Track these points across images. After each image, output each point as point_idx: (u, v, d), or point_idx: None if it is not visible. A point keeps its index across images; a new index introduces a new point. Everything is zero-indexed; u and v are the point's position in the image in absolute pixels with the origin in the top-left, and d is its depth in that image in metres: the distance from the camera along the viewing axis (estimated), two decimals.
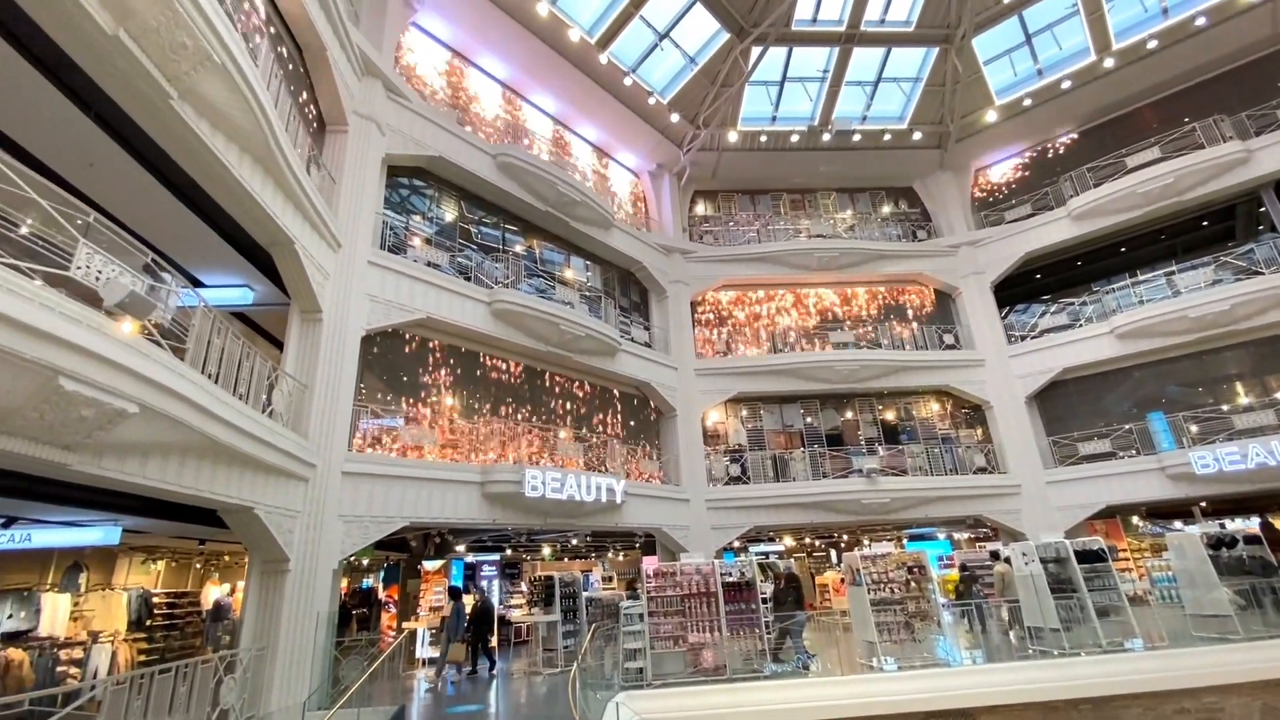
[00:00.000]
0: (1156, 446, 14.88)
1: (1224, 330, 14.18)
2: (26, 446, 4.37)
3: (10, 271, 3.77)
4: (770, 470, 16.26)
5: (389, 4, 11.87)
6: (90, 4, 4.86)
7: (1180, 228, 16.09)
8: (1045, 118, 17.72)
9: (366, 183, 10.70)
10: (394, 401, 10.98)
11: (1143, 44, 15.75)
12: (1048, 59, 17.04)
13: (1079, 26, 16.09)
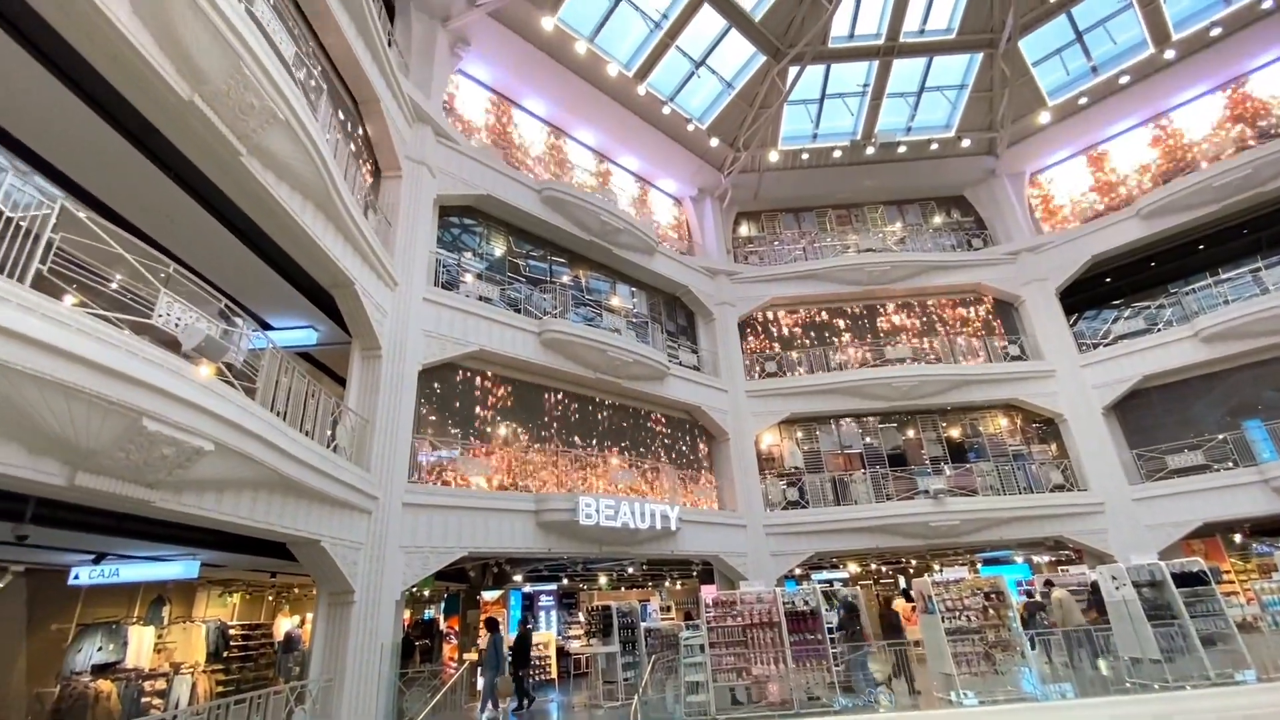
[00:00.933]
0: (1256, 457, 13.66)
1: None
2: (114, 485, 4.64)
3: (101, 322, 4.05)
4: (830, 493, 15.74)
5: (437, 54, 12.48)
6: (169, 74, 5.28)
7: (1263, 220, 14.94)
8: (1104, 115, 16.95)
9: (420, 223, 11.15)
10: (449, 433, 11.22)
11: (1205, 32, 14.95)
12: (1101, 55, 16.36)
13: (1134, 20, 15.42)
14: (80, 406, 4.02)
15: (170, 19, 5.10)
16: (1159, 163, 16.59)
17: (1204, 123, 16.09)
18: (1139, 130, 17.05)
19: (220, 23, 5.32)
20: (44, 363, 3.71)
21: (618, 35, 14.87)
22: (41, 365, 3.69)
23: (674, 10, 14.65)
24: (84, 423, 4.10)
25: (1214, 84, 15.89)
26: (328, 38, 9.08)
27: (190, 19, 5.17)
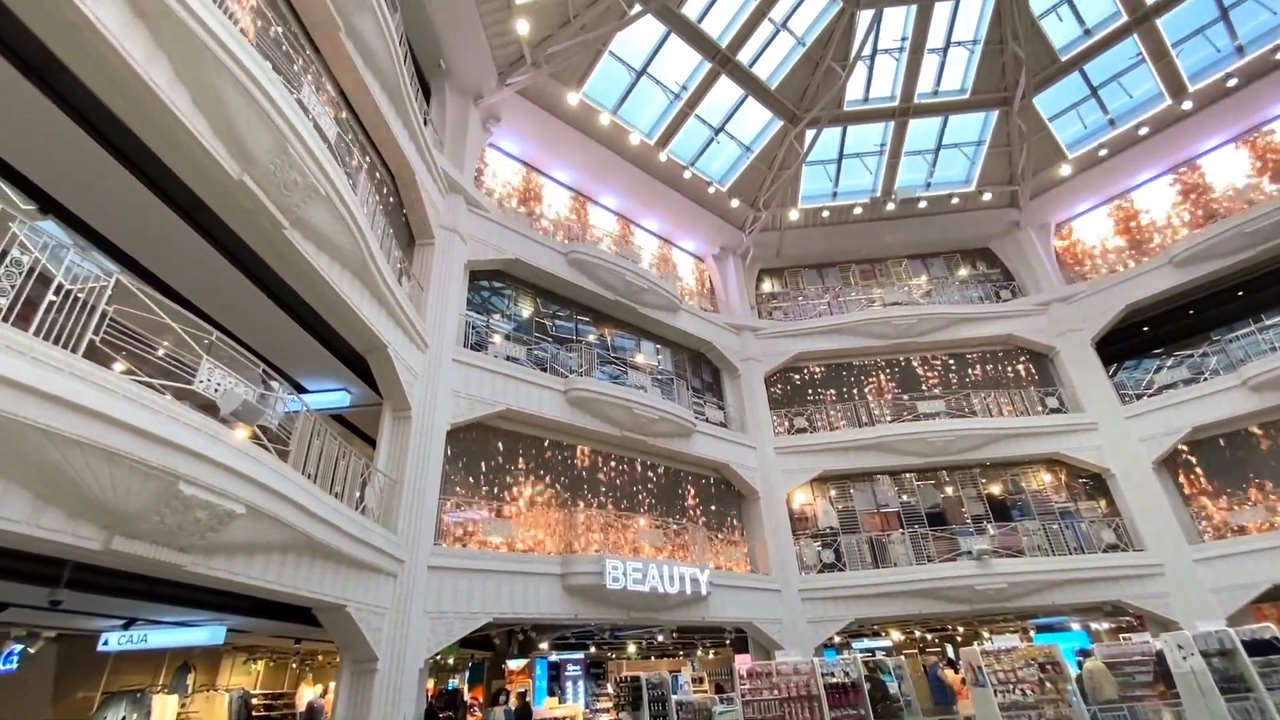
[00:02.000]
0: None
1: None
2: (148, 549, 4.71)
3: (145, 388, 4.22)
4: (867, 555, 15.11)
5: (469, 130, 13.20)
6: (221, 156, 5.68)
7: None
8: (1126, 165, 16.97)
9: (451, 288, 11.52)
10: (475, 493, 11.19)
11: (1221, 83, 15.05)
12: (1118, 108, 16.54)
13: (1148, 74, 15.63)
14: (122, 471, 4.14)
15: (225, 108, 5.52)
16: (1188, 210, 16.41)
17: (1230, 169, 15.98)
18: (1163, 179, 16.99)
19: (271, 110, 5.75)
20: (92, 429, 3.85)
21: (639, 106, 15.59)
22: (90, 432, 3.84)
23: (692, 82, 15.36)
24: (124, 487, 4.21)
25: (1235, 132, 15.86)
26: (369, 120, 9.70)
27: (244, 107, 5.59)
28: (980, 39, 15.88)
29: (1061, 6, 15.28)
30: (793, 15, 15.11)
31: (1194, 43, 15.08)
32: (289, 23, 7.86)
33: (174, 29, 4.93)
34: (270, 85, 5.73)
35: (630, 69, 14.84)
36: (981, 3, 15.33)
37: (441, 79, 13.09)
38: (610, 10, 13.31)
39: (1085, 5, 15.18)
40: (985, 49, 15.94)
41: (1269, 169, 15.34)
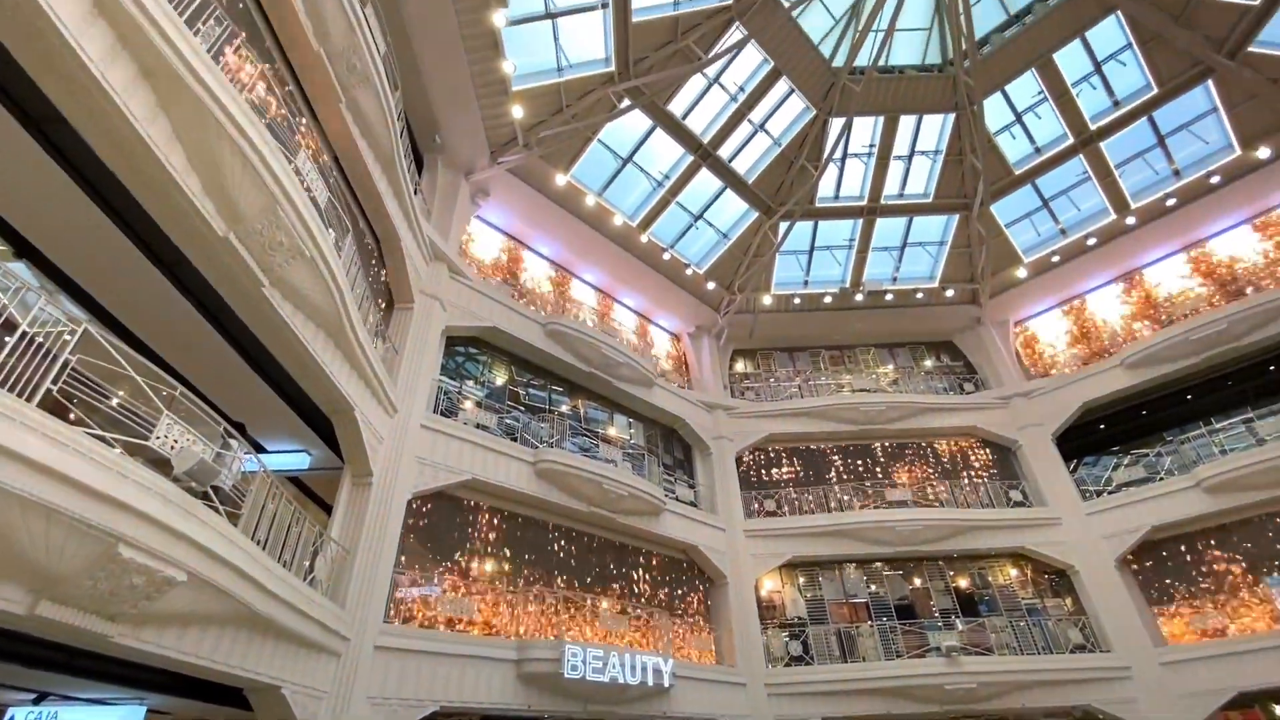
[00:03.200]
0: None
1: None
2: (76, 616, 4.37)
3: (96, 441, 4.05)
4: (835, 647, 14.65)
5: (458, 202, 13.59)
6: (210, 213, 5.74)
7: (1247, 373, 15.38)
8: (1077, 271, 18.07)
9: (426, 352, 11.48)
10: (432, 568, 10.70)
11: (1161, 202, 16.38)
12: (1069, 219, 17.81)
13: (1094, 190, 16.98)
14: (59, 529, 3.90)
15: (220, 168, 5.64)
16: (1137, 314, 17.40)
17: (1174, 279, 17.10)
18: (1112, 285, 18.08)
19: (265, 174, 5.88)
20: (37, 484, 3.65)
21: (624, 190, 16.31)
22: (34, 487, 3.64)
23: (675, 172, 16.21)
24: (59, 546, 3.95)
25: (1177, 246, 17.09)
26: (360, 185, 9.95)
27: (238, 170, 5.71)
28: (941, 150, 17.20)
29: (1014, 126, 16.73)
30: (770, 118, 16.24)
31: (1136, 164, 16.51)
32: (291, 90, 8.17)
33: (179, 91, 5.09)
34: (267, 150, 5.88)
35: (617, 156, 15.63)
36: (942, 118, 16.71)
37: (435, 152, 13.58)
38: (601, 103, 14.15)
39: (1036, 126, 16.65)
40: (946, 159, 17.24)
41: (1210, 281, 16.47)
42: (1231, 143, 15.28)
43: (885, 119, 16.66)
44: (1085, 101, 15.89)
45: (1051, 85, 15.70)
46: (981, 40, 15.56)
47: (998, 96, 16.16)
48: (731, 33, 14.38)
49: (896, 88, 16.13)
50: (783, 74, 15.46)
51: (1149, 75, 15.08)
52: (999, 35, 15.57)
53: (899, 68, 16.18)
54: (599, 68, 13.92)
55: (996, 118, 16.59)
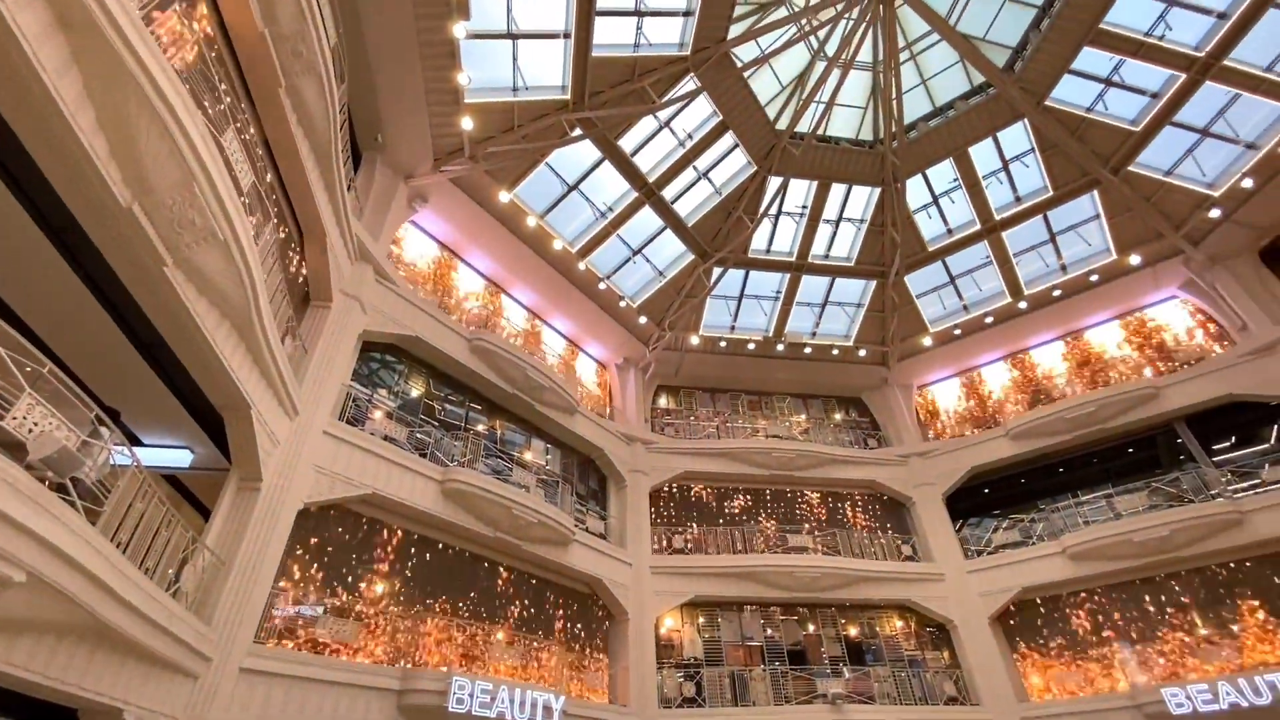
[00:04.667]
0: (1129, 680, 14.18)
1: (1169, 556, 14.40)
2: None
3: None
4: (728, 690, 14.72)
5: (394, 205, 13.17)
6: (114, 180, 5.28)
7: (1110, 453, 17.14)
8: (974, 346, 19.64)
9: (339, 355, 10.91)
10: (317, 587, 9.97)
11: (1049, 292, 18.20)
12: (971, 296, 19.44)
13: (994, 274, 18.66)
14: None
15: (133, 134, 5.22)
16: (1022, 390, 19.05)
17: (1055, 361, 18.91)
18: (1003, 361, 19.77)
19: (184, 146, 5.49)
20: None
21: (567, 216, 16.38)
22: None
23: (619, 205, 16.48)
24: None
25: (1059, 333, 18.96)
26: (289, 173, 9.46)
27: (155, 138, 5.31)
28: (866, 219, 18.44)
29: (931, 207, 18.22)
30: (714, 168, 16.91)
31: (1031, 255, 18.31)
32: (228, 68, 7.74)
33: (97, 45, 4.71)
34: (190, 121, 5.51)
35: (563, 181, 15.73)
36: (870, 190, 17.96)
37: (375, 150, 13.16)
38: (553, 128, 14.27)
39: (950, 210, 18.21)
40: (869, 228, 18.49)
41: (1085, 366, 18.32)
42: (1109, 247, 17.27)
43: (819, 184, 17.73)
44: (993, 194, 17.57)
45: (965, 175, 17.28)
46: (909, 125, 16.97)
47: (919, 178, 17.60)
48: (686, 82, 14.97)
49: (831, 157, 17.25)
50: (730, 128, 16.20)
51: (1046, 178, 16.91)
52: (925, 123, 17.03)
53: (835, 139, 17.33)
54: (554, 94, 14.07)
55: (917, 197, 18.03)
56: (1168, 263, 16.56)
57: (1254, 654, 13.26)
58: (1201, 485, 15.22)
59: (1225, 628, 13.88)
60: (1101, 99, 15.37)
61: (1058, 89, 15.31)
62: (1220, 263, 15.92)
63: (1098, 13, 13.82)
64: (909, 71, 16.87)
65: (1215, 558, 14.28)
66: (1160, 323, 17.56)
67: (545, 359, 16.92)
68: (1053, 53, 14.69)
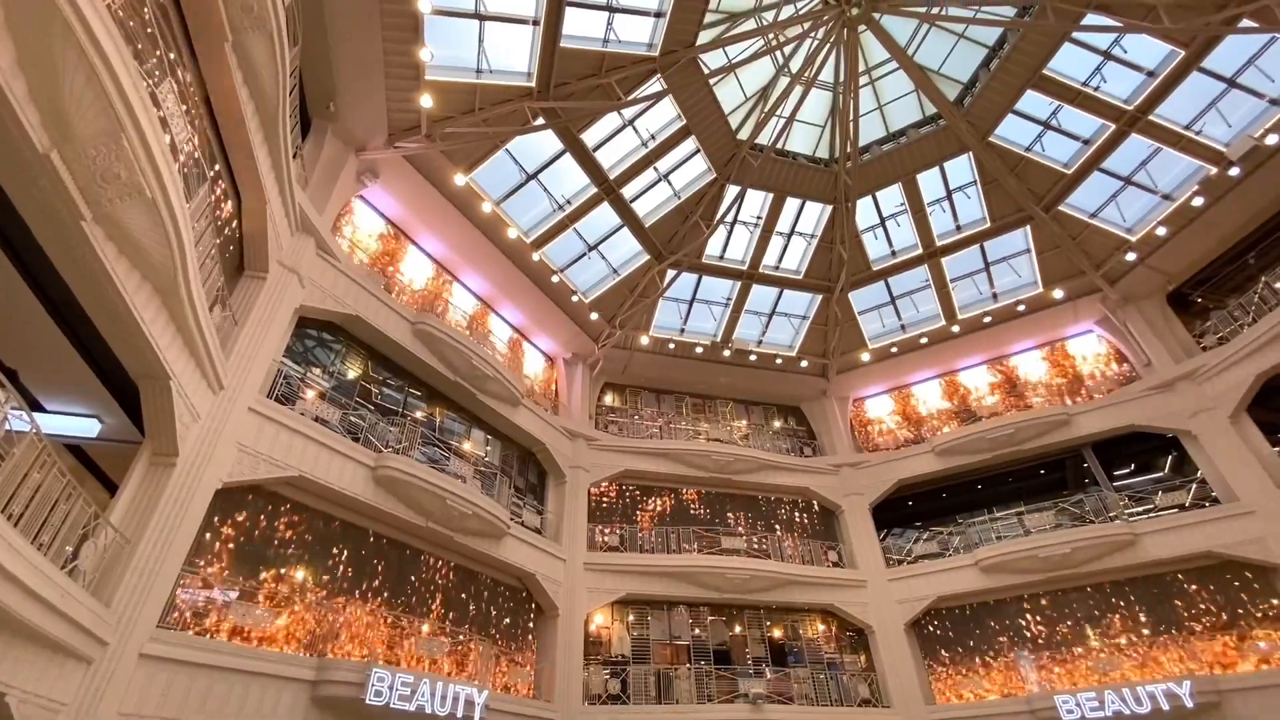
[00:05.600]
0: (1027, 686, 15.13)
1: (1070, 572, 15.45)
2: None
3: None
4: (653, 688, 14.87)
5: (342, 177, 12.67)
6: (31, 124, 4.88)
7: (1023, 474, 18.30)
8: (909, 364, 20.51)
9: (272, 330, 10.40)
10: (232, 570, 9.49)
11: (980, 318, 19.21)
12: (909, 317, 20.30)
13: (932, 297, 19.54)
14: None
15: (56, 76, 4.83)
16: (951, 408, 20.02)
17: (982, 384, 19.96)
18: (934, 380, 20.73)
19: (114, 93, 5.12)
20: None
21: (523, 205, 16.15)
22: None
23: (577, 199, 16.38)
24: None
25: (987, 357, 20.04)
26: (230, 134, 8.95)
27: (80, 81, 4.92)
28: (817, 235, 18.98)
29: (878, 228, 18.91)
30: (675, 171, 17.04)
31: (966, 282, 19.26)
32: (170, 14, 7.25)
33: None
34: (122, 67, 5.14)
35: (523, 170, 15.50)
36: (822, 207, 18.49)
37: (326, 119, 12.62)
38: (515, 115, 14.04)
39: (895, 232, 18.96)
40: (819, 244, 19.04)
41: (1008, 390, 19.42)
42: (1037, 280, 18.36)
43: (774, 196, 18.12)
44: (936, 220, 18.41)
45: (912, 200, 18.02)
46: (864, 148, 17.56)
47: (869, 199, 18.25)
48: (652, 83, 15.01)
49: (788, 171, 17.67)
50: (692, 133, 16.36)
51: (985, 210, 17.83)
52: (878, 147, 17.67)
53: (793, 154, 17.76)
54: (519, 80, 13.86)
55: (865, 217, 18.68)
56: (1087, 299, 17.76)
57: (1138, 666, 14.39)
58: (1102, 507, 16.40)
59: (1115, 640, 15.01)
60: (1040, 140, 16.34)
61: (1001, 127, 16.20)
62: (1132, 302, 17.21)
63: (1042, 59, 14.70)
64: (867, 95, 17.46)
65: (1110, 575, 15.43)
66: (1076, 354, 18.82)
67: (492, 348, 16.64)
68: (999, 92, 15.53)
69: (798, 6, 15.51)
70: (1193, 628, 14.31)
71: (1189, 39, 13.39)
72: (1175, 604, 14.72)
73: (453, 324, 15.47)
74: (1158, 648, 14.40)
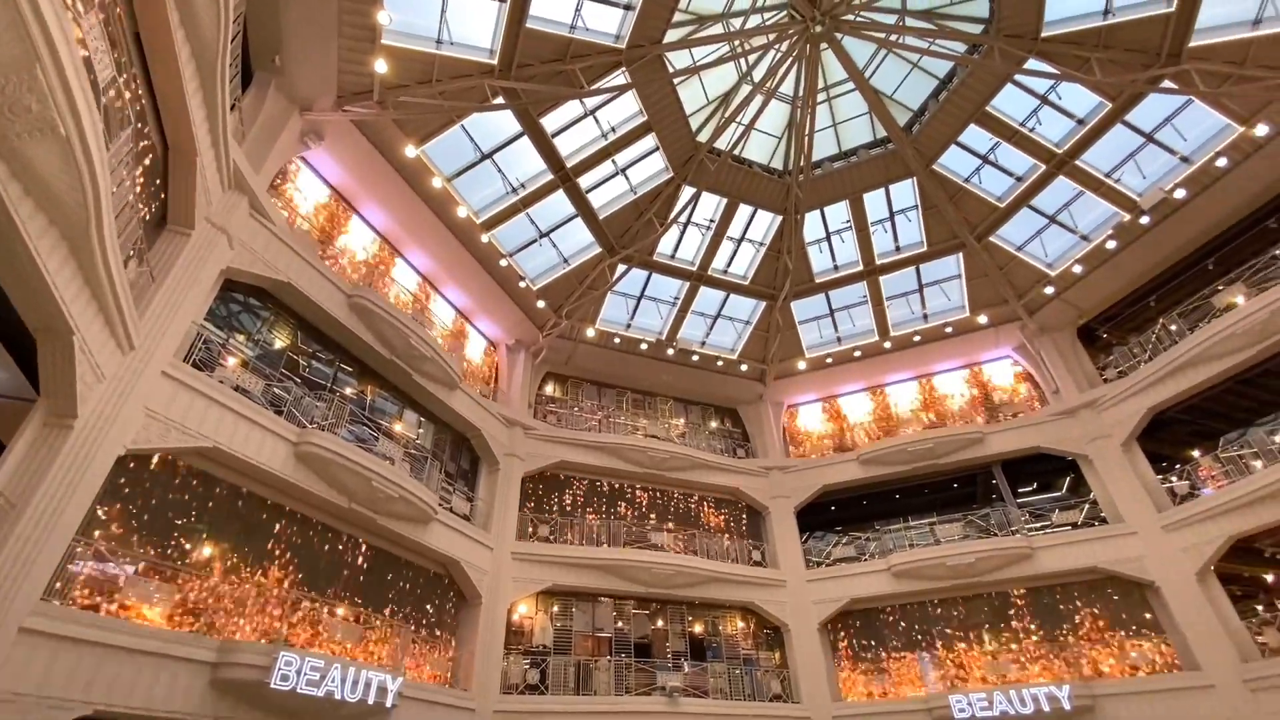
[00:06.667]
0: (926, 686, 16.05)
1: (973, 580, 16.47)
2: None
3: None
4: (572, 679, 14.91)
5: (284, 136, 11.99)
6: None
7: (938, 486, 19.38)
8: (842, 375, 21.29)
9: (194, 290, 9.76)
10: (131, 543, 8.89)
11: (910, 336, 20.16)
12: (846, 330, 21.07)
13: (868, 313, 20.35)
14: None
15: None
16: (877, 420, 20.93)
17: (908, 399, 20.96)
18: (864, 393, 21.61)
19: (31, 18, 4.67)
20: None
21: (476, 184, 15.77)
22: None
23: (532, 184, 16.13)
24: None
25: (913, 374, 21.05)
26: (162, 79, 8.32)
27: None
28: (765, 243, 19.41)
29: (823, 242, 19.52)
30: (633, 166, 17.03)
31: (900, 301, 20.15)
32: None
33: None
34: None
35: (478, 148, 15.13)
36: (772, 216, 18.91)
37: (270, 73, 11.90)
38: (474, 91, 13.68)
39: (839, 248, 19.62)
40: (767, 252, 19.49)
41: (931, 407, 20.46)
42: (965, 305, 19.43)
43: (728, 202, 18.41)
44: (877, 240, 19.17)
45: (857, 218, 18.70)
46: (816, 163, 18.08)
47: (817, 213, 18.80)
48: (616, 75, 14.94)
49: (743, 178, 17.97)
50: (653, 130, 16.39)
51: (923, 234, 18.71)
52: (830, 164, 18.22)
53: (749, 161, 18.07)
54: (481, 56, 13.51)
55: (812, 230, 19.25)
56: (1007, 326, 18.94)
57: (1027, 670, 15.51)
58: (1006, 521, 17.55)
59: (1009, 645, 16.12)
60: (978, 173, 17.28)
61: (945, 156, 17.03)
62: (1047, 333, 18.47)
63: (986, 96, 15.53)
64: (824, 112, 17.96)
65: (1009, 585, 16.55)
66: (993, 377, 20.05)
67: (432, 328, 16.18)
68: (945, 123, 16.32)
69: (765, 17, 15.78)
70: (1077, 636, 15.55)
71: (1117, 93, 14.46)
72: (1063, 614, 15.96)
73: (392, 300, 14.96)
74: (1046, 653, 15.58)
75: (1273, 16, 12.35)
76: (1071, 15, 13.78)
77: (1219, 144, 14.28)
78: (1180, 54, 13.19)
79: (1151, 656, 14.62)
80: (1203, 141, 14.65)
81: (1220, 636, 13.57)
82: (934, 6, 15.19)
